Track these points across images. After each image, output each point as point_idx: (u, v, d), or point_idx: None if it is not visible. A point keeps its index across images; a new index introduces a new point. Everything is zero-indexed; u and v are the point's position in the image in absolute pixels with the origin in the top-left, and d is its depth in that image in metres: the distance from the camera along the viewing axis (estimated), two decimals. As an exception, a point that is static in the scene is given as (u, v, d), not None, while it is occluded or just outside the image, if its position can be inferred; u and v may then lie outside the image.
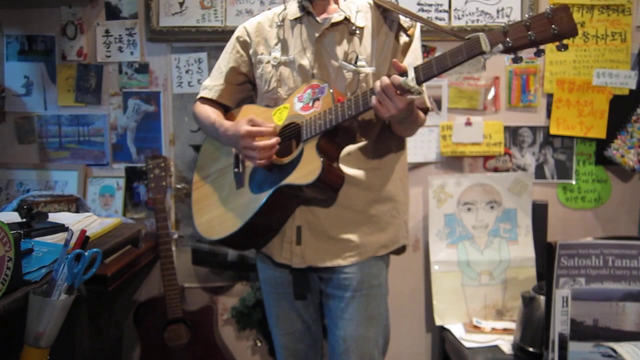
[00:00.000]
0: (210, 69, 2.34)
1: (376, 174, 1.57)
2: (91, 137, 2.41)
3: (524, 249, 2.26)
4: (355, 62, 1.53)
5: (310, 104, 1.48)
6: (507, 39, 1.21)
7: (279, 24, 1.62)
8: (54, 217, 1.44)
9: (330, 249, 1.55)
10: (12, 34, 2.37)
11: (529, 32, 1.20)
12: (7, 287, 1.01)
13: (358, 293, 1.56)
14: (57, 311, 1.02)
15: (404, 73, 1.31)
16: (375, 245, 1.58)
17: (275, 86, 1.59)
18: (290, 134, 1.52)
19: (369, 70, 1.53)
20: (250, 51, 1.65)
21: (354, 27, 1.53)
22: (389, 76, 1.33)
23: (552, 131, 2.36)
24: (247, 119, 1.51)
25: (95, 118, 2.40)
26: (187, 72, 2.36)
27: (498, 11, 2.31)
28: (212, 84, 1.70)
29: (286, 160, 1.49)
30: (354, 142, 1.53)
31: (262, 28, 1.64)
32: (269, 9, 1.71)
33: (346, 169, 1.51)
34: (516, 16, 2.30)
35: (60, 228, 1.34)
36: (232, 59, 1.68)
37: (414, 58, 1.55)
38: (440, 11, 2.31)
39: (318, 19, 1.56)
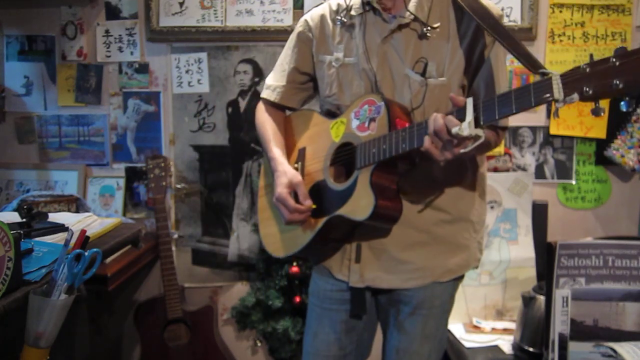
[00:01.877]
0: (210, 69, 2.35)
1: (445, 192, 1.40)
2: (91, 137, 2.41)
3: (524, 249, 2.26)
4: (424, 71, 1.34)
5: (367, 124, 1.34)
6: (585, 87, 0.99)
7: (342, 19, 1.42)
8: (54, 217, 1.44)
9: (390, 270, 1.43)
10: (12, 34, 2.37)
11: (614, 81, 0.96)
12: (7, 287, 1.01)
13: (418, 311, 1.44)
14: (57, 311, 1.02)
15: (462, 108, 1.14)
16: (440, 270, 1.43)
17: (336, 92, 1.44)
18: (346, 156, 1.40)
19: (438, 81, 1.34)
20: (313, 49, 1.49)
21: (425, 29, 1.33)
22: (445, 115, 1.15)
23: (552, 131, 2.36)
24: (290, 181, 1.40)
25: (95, 118, 2.40)
26: (187, 72, 2.36)
27: (498, 11, 2.31)
28: (275, 84, 1.57)
29: (340, 187, 1.38)
30: (413, 166, 1.36)
31: (325, 23, 1.47)
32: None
33: (409, 187, 1.37)
34: (516, 16, 2.30)
35: (60, 228, 1.33)
36: (293, 58, 1.53)
37: (487, 75, 1.34)
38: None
39: (384, 16, 1.36)
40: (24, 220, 1.32)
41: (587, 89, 0.99)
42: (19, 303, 1.01)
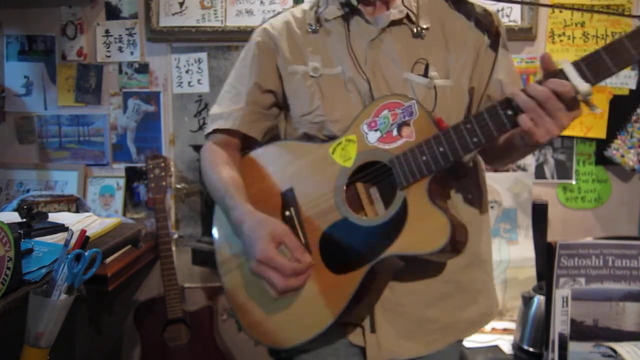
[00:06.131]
0: (210, 69, 2.35)
1: (468, 229, 1.13)
2: (91, 137, 2.41)
3: (524, 249, 2.26)
4: (426, 73, 1.15)
5: (394, 133, 1.08)
6: None
7: (313, 27, 1.22)
8: (54, 217, 1.44)
9: (409, 335, 1.19)
10: (12, 34, 2.37)
11: None
12: (7, 287, 1.01)
13: None
14: (57, 311, 1.02)
15: (554, 73, 0.93)
16: (464, 324, 1.24)
17: (319, 104, 1.18)
18: (373, 178, 1.13)
19: (445, 83, 1.15)
20: (278, 61, 1.24)
21: (419, 28, 1.17)
22: (540, 82, 0.94)
23: (552, 131, 2.36)
24: (273, 232, 1.05)
25: (95, 118, 2.40)
26: (187, 72, 2.36)
27: (498, 11, 2.29)
28: (229, 110, 1.25)
29: (379, 220, 1.08)
30: (465, 176, 1.16)
31: (292, 30, 1.24)
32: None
33: None
34: (516, 16, 2.29)
35: (60, 228, 1.33)
36: (254, 72, 1.25)
37: (506, 74, 1.19)
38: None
39: (368, 18, 1.18)
40: (24, 220, 1.32)
41: None
42: (19, 303, 1.01)
